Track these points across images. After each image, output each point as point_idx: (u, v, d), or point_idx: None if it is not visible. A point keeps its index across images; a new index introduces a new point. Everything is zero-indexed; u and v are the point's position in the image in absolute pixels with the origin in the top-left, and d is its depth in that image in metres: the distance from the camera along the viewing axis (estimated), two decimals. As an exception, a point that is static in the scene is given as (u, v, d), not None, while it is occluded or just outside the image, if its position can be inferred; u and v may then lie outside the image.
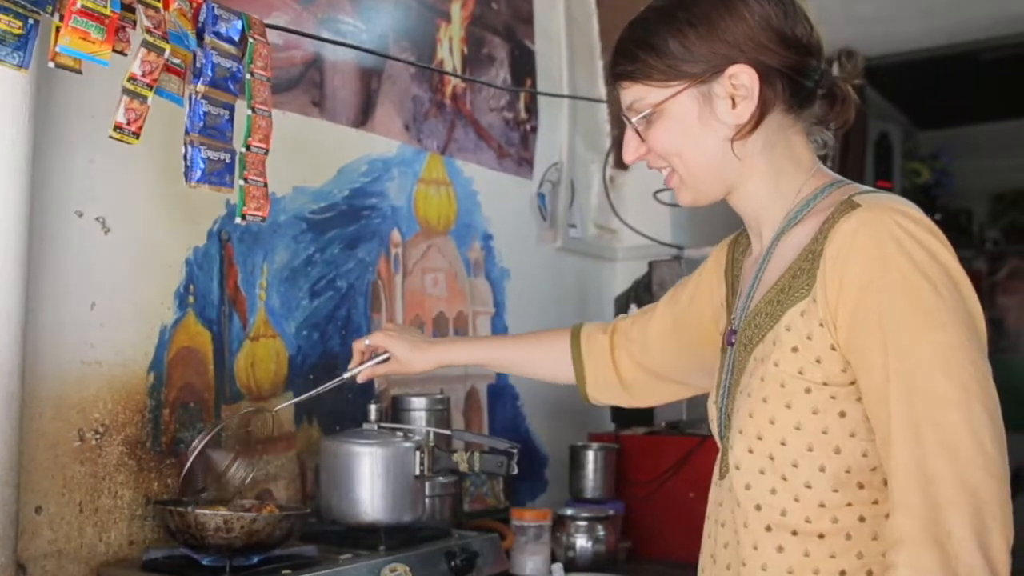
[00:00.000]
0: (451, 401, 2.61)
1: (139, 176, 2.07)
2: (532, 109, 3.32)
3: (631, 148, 1.51)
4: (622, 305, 3.30)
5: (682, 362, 1.77)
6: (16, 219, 1.72)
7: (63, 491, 1.92)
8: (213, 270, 2.22)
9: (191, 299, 2.17)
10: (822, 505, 1.36)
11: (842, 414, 1.35)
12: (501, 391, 3.03)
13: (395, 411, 2.48)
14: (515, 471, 2.11)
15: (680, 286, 1.78)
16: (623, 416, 3.18)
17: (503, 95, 3.18)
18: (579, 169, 3.52)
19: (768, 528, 1.39)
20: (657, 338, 1.79)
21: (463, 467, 2.15)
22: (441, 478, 2.41)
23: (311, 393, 2.08)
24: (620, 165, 3.65)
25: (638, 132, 1.49)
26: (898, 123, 5.84)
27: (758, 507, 1.40)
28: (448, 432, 2.38)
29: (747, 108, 1.42)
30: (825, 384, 1.35)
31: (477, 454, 2.15)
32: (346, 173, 2.59)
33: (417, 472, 2.17)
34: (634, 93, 1.47)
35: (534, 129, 3.32)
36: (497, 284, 3.10)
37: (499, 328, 3.08)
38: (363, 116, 2.66)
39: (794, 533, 1.37)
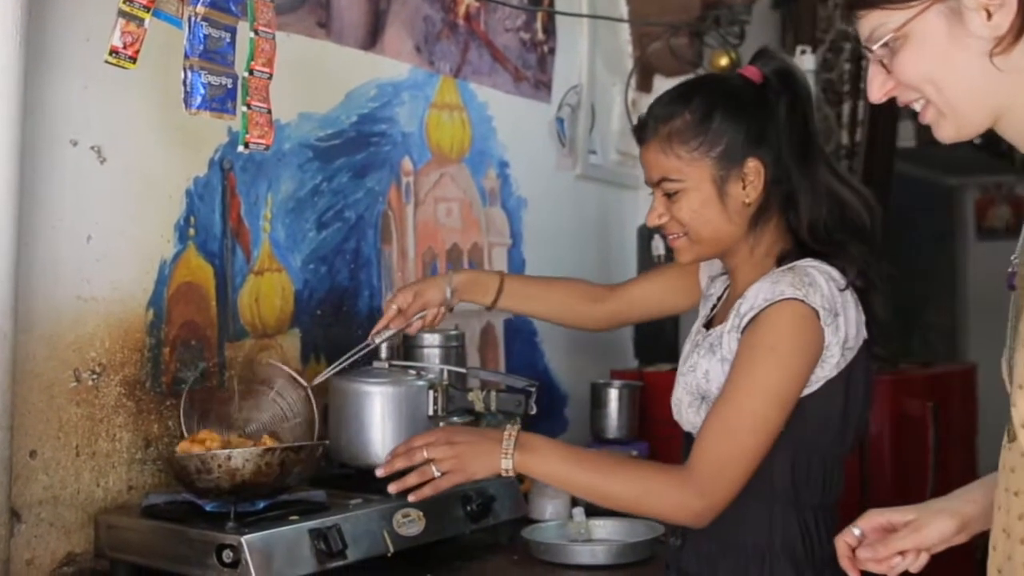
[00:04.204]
0: (466, 337, 2.55)
1: (136, 103, 2.03)
2: (550, 29, 3.23)
3: (876, 83, 1.34)
4: (645, 236, 3.23)
5: None
6: (7, 148, 1.69)
7: (58, 434, 1.89)
8: (215, 201, 2.17)
9: (192, 232, 2.13)
10: None
11: None
12: (518, 327, 2.99)
13: (407, 348, 2.42)
14: (533, 410, 2.08)
15: None
16: (647, 352, 3.14)
17: (519, 15, 3.09)
18: (600, 92, 3.45)
19: None
20: None
21: (479, 407, 2.11)
22: (456, 418, 2.37)
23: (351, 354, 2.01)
24: (643, 87, 3.54)
25: (883, 64, 1.33)
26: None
27: None
28: (463, 370, 2.34)
29: (1005, 16, 1.23)
30: None
31: (493, 393, 2.11)
32: (354, 98, 2.52)
33: (430, 412, 2.13)
34: (872, 21, 1.31)
35: (552, 50, 3.23)
36: (514, 214, 3.04)
37: (516, 260, 3.02)
38: (372, 38, 2.58)
39: None
